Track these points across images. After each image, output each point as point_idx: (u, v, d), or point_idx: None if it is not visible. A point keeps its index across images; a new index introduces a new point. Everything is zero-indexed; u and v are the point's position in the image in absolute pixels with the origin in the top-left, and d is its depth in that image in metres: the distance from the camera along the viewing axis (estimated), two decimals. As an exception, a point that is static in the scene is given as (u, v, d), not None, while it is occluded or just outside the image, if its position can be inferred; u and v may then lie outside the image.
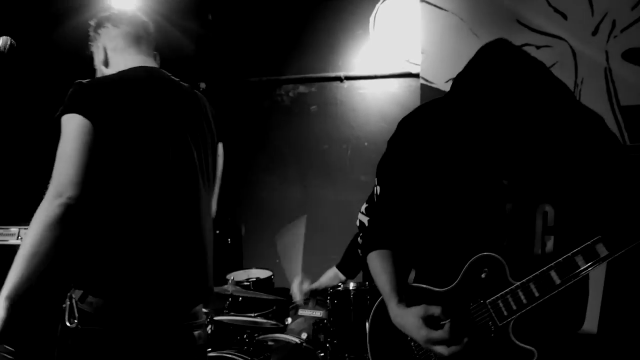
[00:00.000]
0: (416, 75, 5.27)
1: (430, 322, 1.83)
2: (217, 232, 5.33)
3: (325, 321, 3.62)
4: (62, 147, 2.04)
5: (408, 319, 1.87)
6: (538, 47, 4.69)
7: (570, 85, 4.64)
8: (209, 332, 3.74)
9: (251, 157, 5.90)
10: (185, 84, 2.43)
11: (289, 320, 4.08)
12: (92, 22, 2.47)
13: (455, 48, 5.09)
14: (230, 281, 3.79)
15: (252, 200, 5.88)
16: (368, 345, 2.14)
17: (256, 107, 5.92)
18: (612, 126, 2.55)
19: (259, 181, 5.87)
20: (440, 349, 1.79)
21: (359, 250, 2.18)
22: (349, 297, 3.55)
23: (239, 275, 4.36)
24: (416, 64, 5.28)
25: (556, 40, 4.71)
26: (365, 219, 2.17)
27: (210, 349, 3.50)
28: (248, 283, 4.12)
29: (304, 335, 3.84)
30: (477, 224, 1.87)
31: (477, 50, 1.93)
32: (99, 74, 2.45)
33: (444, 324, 1.82)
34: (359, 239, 2.19)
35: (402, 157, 2.03)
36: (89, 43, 2.47)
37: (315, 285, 4.14)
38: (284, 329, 3.98)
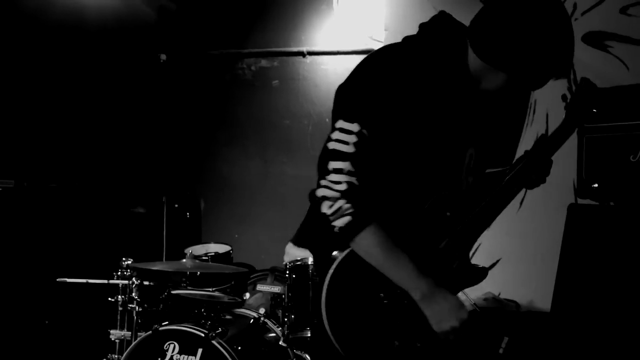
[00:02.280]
0: (379, 52, 5.24)
1: None
2: (176, 206, 5.28)
3: (283, 296, 3.62)
4: None
5: (452, 301, 1.87)
6: (500, 27, 4.69)
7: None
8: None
9: (212, 131, 5.84)
10: None
11: (247, 295, 4.08)
12: None
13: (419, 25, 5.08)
14: (188, 255, 3.76)
15: (212, 174, 5.83)
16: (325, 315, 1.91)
17: (217, 81, 5.84)
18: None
19: (220, 155, 5.81)
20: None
21: (339, 231, 1.86)
22: (308, 272, 3.55)
23: (197, 249, 4.33)
24: (379, 41, 5.26)
25: (518, 21, 4.71)
26: (341, 186, 1.85)
27: (167, 322, 3.49)
28: (206, 257, 4.10)
29: (262, 310, 3.85)
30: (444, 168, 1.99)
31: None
32: None
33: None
34: (331, 212, 1.87)
35: (388, 93, 1.90)
36: None
37: None
38: (242, 304, 3.98)
